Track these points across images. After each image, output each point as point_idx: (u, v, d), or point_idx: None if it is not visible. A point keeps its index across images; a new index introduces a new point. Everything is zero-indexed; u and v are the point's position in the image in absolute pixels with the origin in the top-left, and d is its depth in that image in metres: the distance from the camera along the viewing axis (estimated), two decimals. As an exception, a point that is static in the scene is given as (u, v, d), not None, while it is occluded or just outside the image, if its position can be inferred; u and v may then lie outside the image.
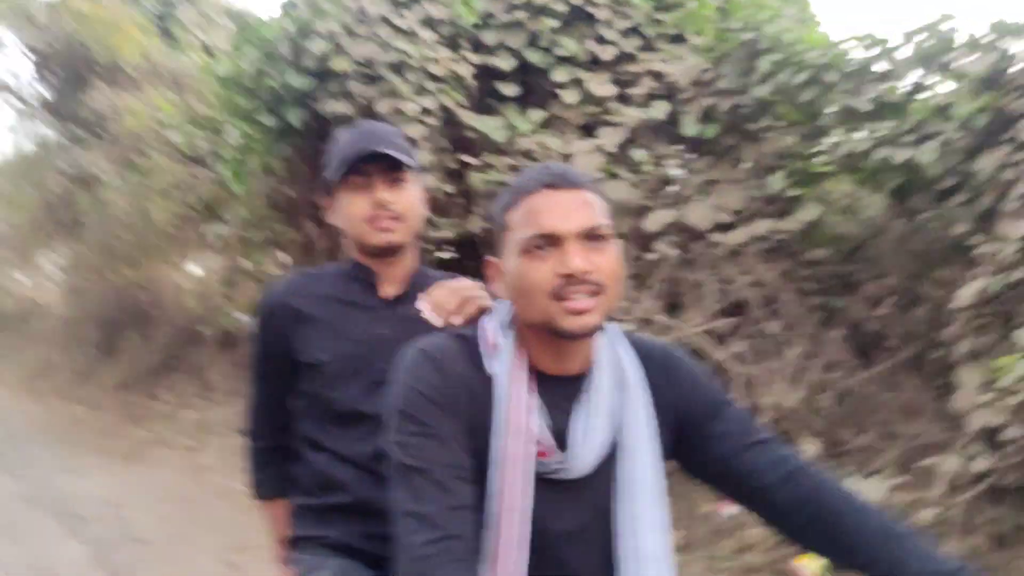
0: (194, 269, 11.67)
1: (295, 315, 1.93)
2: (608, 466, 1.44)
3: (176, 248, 9.99)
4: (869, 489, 3.73)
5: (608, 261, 1.37)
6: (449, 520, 1.32)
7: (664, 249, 4.90)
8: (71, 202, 11.48)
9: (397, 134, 2.00)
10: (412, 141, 3.96)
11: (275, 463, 2.09)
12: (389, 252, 1.91)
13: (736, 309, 4.90)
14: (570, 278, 1.33)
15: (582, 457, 1.40)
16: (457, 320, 1.66)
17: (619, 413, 1.46)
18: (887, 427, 4.40)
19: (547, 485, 1.41)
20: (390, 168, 1.89)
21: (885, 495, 3.74)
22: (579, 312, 1.34)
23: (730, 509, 4.14)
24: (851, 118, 4.50)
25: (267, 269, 6.53)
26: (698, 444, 1.54)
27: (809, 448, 4.16)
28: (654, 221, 4.95)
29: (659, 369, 1.56)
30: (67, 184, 11.49)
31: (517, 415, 1.39)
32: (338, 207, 1.94)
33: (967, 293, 3.75)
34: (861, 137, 4.37)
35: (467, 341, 1.49)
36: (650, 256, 4.95)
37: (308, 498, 1.92)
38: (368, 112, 4.89)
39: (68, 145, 11.43)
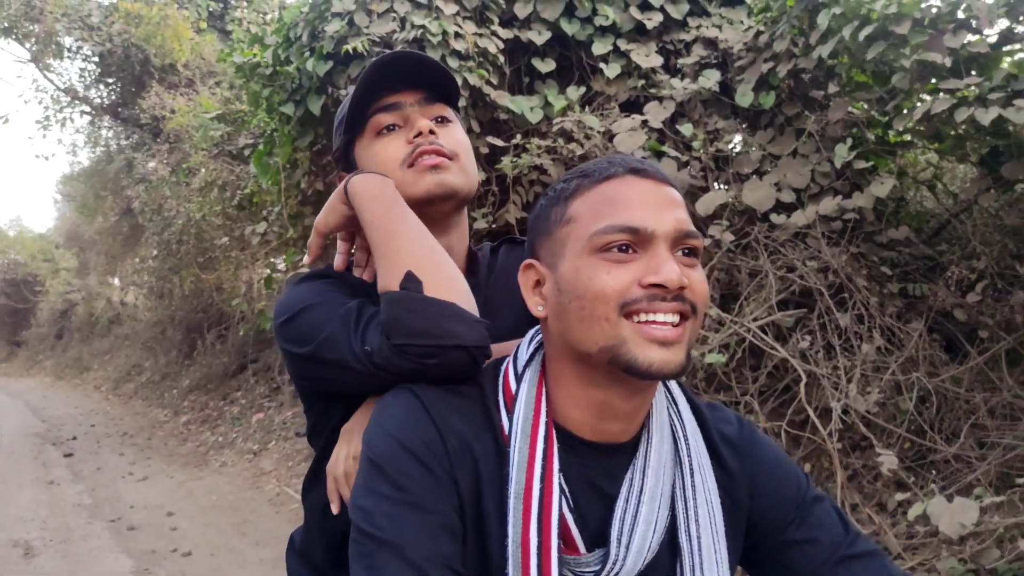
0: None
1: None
2: (654, 573, 1.07)
3: (239, 249, 9.92)
4: (960, 510, 3.15)
5: (701, 283, 1.01)
6: None
7: (718, 234, 4.37)
8: (141, 207, 11.62)
9: (433, 60, 1.44)
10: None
11: None
12: (443, 203, 1.36)
13: (801, 300, 4.33)
14: (656, 291, 0.97)
15: (626, 560, 1.01)
16: None
17: (675, 502, 1.09)
18: (980, 435, 3.78)
19: None
20: (430, 98, 1.39)
21: (979, 518, 3.15)
22: (663, 341, 0.96)
23: None
24: (928, 76, 3.88)
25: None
26: (773, 552, 1.15)
27: (887, 460, 3.58)
28: (707, 203, 4.42)
29: (733, 449, 1.17)
30: (135, 188, 11.63)
31: (531, 491, 1.00)
32: (363, 166, 1.41)
33: (1074, 276, 3.13)
34: (941, 98, 3.75)
35: (482, 389, 1.11)
36: (703, 243, 4.42)
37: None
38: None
39: (131, 149, 11.54)
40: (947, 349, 4.22)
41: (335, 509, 1.24)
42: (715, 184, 4.66)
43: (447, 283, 1.17)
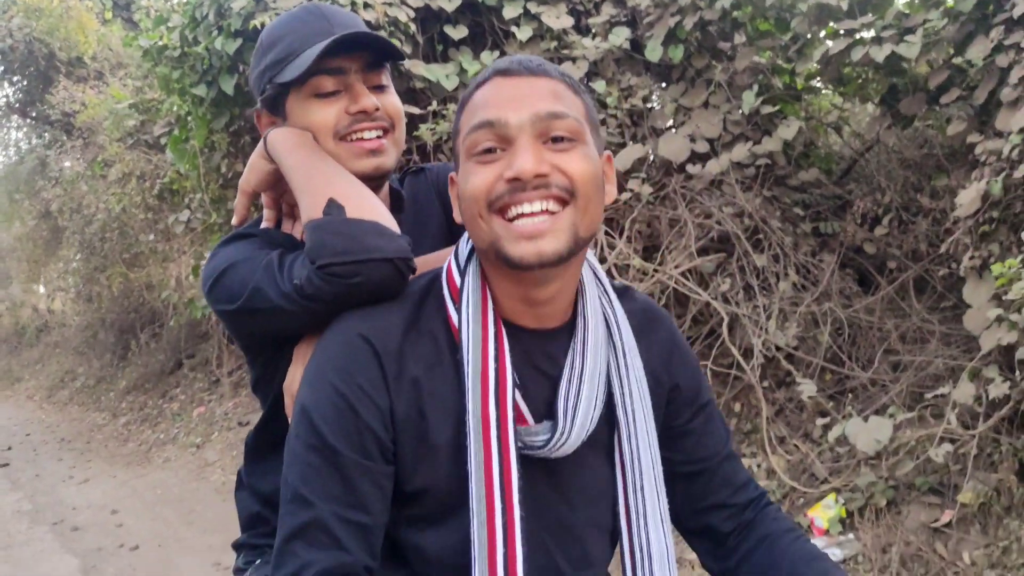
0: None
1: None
2: (594, 446, 1.18)
3: (165, 241, 9.71)
4: (875, 428, 3.32)
5: (576, 164, 1.03)
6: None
7: (637, 187, 4.47)
8: (60, 207, 11.27)
9: (359, 19, 1.42)
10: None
11: None
12: (374, 181, 1.35)
13: (719, 245, 4.47)
14: (516, 183, 1.00)
15: (571, 433, 1.11)
16: None
17: (610, 380, 1.18)
18: (893, 359, 3.98)
19: (529, 465, 1.13)
20: (373, 63, 1.36)
21: (893, 434, 3.33)
22: (531, 235, 1.01)
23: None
24: (826, 19, 4.02)
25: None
26: (677, 435, 1.26)
27: (807, 388, 3.75)
28: (624, 158, 4.52)
29: (644, 332, 1.25)
30: (52, 190, 11.27)
31: (487, 370, 1.08)
32: (293, 120, 1.37)
33: (968, 197, 3.30)
34: (839, 40, 3.90)
35: (421, 292, 1.17)
36: (622, 197, 4.53)
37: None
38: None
39: (43, 148, 11.17)
40: (860, 282, 4.41)
41: None
42: (632, 140, 4.75)
43: (369, 206, 1.20)
